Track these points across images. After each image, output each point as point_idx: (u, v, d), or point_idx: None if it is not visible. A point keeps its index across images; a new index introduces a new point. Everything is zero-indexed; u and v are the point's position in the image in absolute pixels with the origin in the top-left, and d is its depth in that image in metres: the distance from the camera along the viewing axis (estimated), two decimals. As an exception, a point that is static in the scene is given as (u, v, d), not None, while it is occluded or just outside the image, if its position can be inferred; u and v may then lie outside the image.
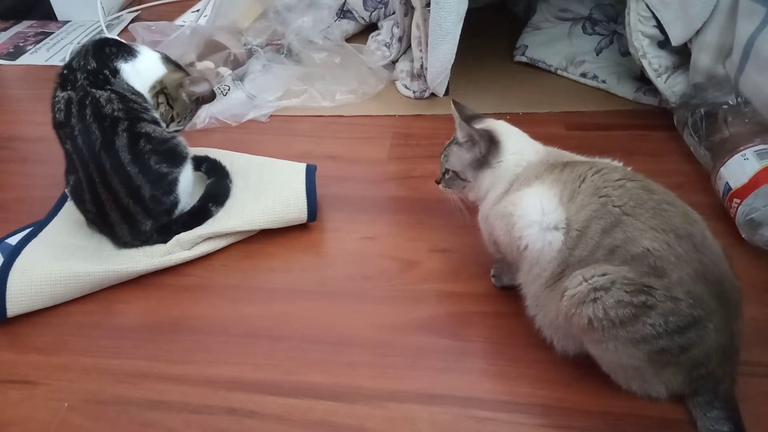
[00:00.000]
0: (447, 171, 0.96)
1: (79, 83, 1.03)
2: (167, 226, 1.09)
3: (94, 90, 1.02)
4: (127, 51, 1.09)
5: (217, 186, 1.17)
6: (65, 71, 1.05)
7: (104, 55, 1.06)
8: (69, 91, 1.02)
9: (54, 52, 1.90)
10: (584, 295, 0.75)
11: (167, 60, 1.15)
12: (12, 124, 1.56)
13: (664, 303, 0.72)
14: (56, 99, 1.04)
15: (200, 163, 1.20)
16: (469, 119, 0.94)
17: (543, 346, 0.87)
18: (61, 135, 1.04)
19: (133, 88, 1.07)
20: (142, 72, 1.09)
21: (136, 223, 1.06)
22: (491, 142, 0.91)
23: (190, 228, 1.09)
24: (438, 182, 0.99)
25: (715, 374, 0.76)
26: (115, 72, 1.06)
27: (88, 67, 1.04)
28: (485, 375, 0.88)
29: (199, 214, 1.12)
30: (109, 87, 1.04)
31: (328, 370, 0.89)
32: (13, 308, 0.98)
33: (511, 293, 0.94)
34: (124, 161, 1.02)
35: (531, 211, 0.82)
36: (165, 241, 1.07)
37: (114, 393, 0.88)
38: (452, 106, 0.96)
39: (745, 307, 0.78)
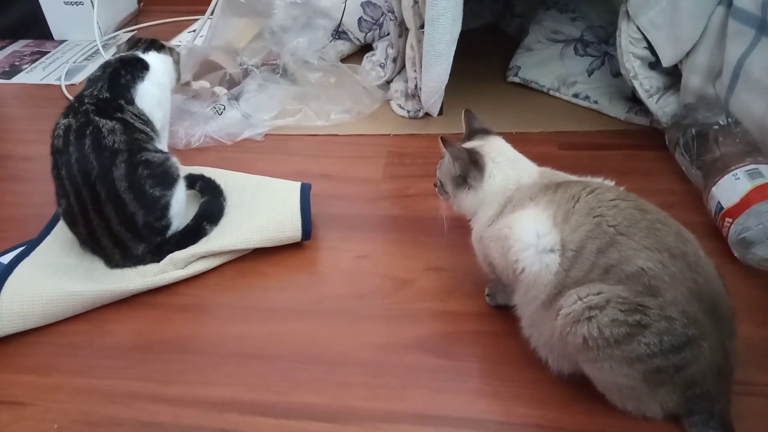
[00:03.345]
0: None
1: (83, 108, 1.03)
2: (160, 246, 1.08)
3: (98, 118, 1.02)
4: (142, 66, 1.15)
5: (212, 204, 1.17)
6: (74, 100, 1.07)
7: (120, 86, 1.09)
8: (70, 118, 1.03)
9: (50, 71, 1.90)
10: (579, 313, 0.75)
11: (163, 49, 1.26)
12: (6, 143, 1.56)
13: (658, 322, 0.72)
14: (57, 126, 1.04)
15: (194, 181, 1.20)
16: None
17: (538, 366, 0.87)
18: (57, 161, 1.03)
19: (145, 114, 1.09)
20: (153, 91, 1.14)
21: (128, 248, 1.06)
22: (474, 164, 0.90)
23: (184, 247, 1.09)
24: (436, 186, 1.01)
25: (710, 394, 0.76)
26: (131, 101, 1.08)
27: (101, 96, 1.06)
28: (480, 395, 0.87)
29: (193, 232, 1.12)
30: (118, 115, 1.04)
31: (321, 390, 0.89)
32: (4, 328, 0.97)
33: (505, 312, 0.94)
34: (120, 188, 1.01)
35: (526, 234, 0.82)
36: (158, 261, 1.07)
37: (105, 414, 0.87)
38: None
39: (739, 326, 0.78)
